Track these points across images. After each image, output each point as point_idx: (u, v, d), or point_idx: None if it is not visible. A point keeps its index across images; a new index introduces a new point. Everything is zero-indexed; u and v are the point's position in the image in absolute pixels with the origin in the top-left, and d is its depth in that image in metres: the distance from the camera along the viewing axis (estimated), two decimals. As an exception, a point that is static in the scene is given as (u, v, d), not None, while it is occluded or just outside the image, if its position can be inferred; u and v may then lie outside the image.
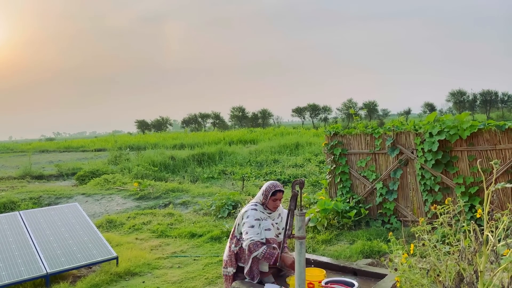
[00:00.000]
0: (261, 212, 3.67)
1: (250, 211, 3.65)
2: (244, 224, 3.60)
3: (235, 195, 8.33)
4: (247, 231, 3.53)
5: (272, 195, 3.65)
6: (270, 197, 3.65)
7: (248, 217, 3.60)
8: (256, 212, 3.64)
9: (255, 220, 3.59)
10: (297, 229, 3.11)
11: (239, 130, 40.40)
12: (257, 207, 3.69)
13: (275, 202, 3.66)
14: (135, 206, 9.00)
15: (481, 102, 70.26)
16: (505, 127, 5.19)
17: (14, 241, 5.06)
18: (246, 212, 3.67)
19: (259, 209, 3.67)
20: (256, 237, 3.51)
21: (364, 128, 6.59)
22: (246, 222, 3.58)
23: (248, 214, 3.62)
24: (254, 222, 3.57)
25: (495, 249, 2.05)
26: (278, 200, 3.67)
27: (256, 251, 3.45)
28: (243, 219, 3.64)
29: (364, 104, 72.71)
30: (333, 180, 6.92)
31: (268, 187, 3.68)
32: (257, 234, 3.51)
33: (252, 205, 3.71)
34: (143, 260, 5.33)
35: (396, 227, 6.08)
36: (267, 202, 3.67)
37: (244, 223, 3.61)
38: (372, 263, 4.49)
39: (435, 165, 5.66)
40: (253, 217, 3.59)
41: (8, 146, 40.12)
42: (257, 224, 3.58)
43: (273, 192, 3.65)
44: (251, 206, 3.71)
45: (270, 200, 3.65)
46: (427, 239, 2.59)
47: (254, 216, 3.60)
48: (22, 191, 10.84)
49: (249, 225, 3.55)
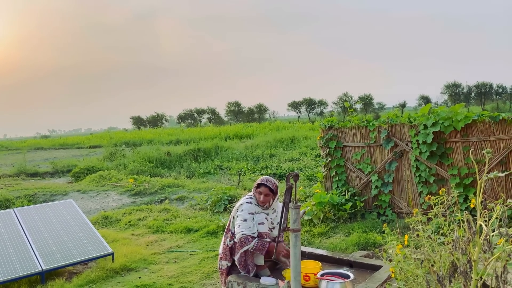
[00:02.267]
0: (255, 206, 3.65)
1: (245, 205, 3.64)
2: (238, 217, 3.59)
3: (231, 190, 8.33)
4: (239, 225, 3.52)
5: (257, 187, 3.62)
6: (256, 189, 3.63)
7: (242, 211, 3.58)
8: (251, 206, 3.62)
9: (249, 214, 3.57)
10: (292, 222, 3.11)
11: (235, 125, 40.35)
12: (252, 200, 3.68)
13: (260, 195, 3.62)
14: (131, 202, 8.98)
15: (476, 94, 70.56)
16: (499, 118, 5.20)
17: (9, 239, 5.03)
18: (241, 205, 3.66)
19: (253, 202, 3.65)
20: (248, 231, 3.50)
21: (359, 121, 6.59)
22: (239, 216, 3.58)
23: (243, 207, 3.61)
24: (247, 216, 3.56)
25: (488, 238, 2.06)
26: (262, 194, 3.61)
27: (247, 245, 3.45)
28: (237, 212, 3.64)
29: (359, 97, 72.81)
30: (328, 173, 6.92)
31: (257, 180, 3.66)
32: (248, 228, 3.50)
33: (247, 198, 3.70)
34: (139, 255, 5.32)
35: (392, 219, 6.10)
36: (255, 195, 3.66)
37: (238, 216, 3.60)
38: (367, 255, 4.50)
39: (430, 156, 5.68)
40: (247, 210, 3.58)
41: (3, 144, 39.85)
42: (250, 218, 3.57)
43: (258, 184, 3.62)
44: (246, 200, 3.69)
45: (256, 192, 3.64)
46: (421, 230, 2.60)
47: (248, 210, 3.59)
48: (17, 188, 10.79)
49: (242, 219, 3.54)
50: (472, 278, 2.25)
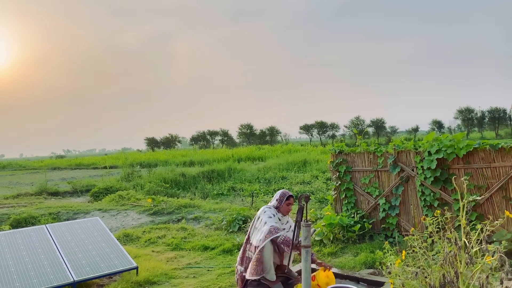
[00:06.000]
0: (274, 214, 4.16)
1: (267, 210, 4.22)
2: (264, 216, 4.12)
3: (245, 211, 8.72)
4: (266, 221, 4.03)
5: (287, 199, 4.16)
6: (285, 201, 4.17)
7: (266, 212, 4.16)
8: (271, 210, 4.20)
9: (272, 216, 4.14)
10: (303, 239, 3.51)
11: (247, 147, 40.88)
12: (271, 209, 4.20)
13: (288, 206, 4.20)
14: (150, 221, 9.41)
15: (489, 119, 70.17)
16: (499, 146, 5.55)
17: (43, 252, 5.48)
18: (264, 211, 4.20)
19: (273, 211, 4.18)
20: (276, 224, 4.01)
21: (366, 146, 6.98)
22: (264, 215, 4.14)
23: (265, 210, 4.19)
24: (272, 216, 4.14)
25: (469, 253, 2.43)
26: (291, 204, 4.20)
27: (277, 234, 3.91)
28: (261, 216, 4.17)
29: (371, 121, 73.00)
30: (338, 196, 7.28)
31: (283, 193, 4.26)
32: (275, 223, 4.01)
33: (267, 207, 4.23)
34: (160, 270, 5.71)
35: (399, 241, 6.40)
36: (281, 206, 4.21)
37: (262, 218, 4.14)
38: (373, 272, 4.83)
39: (434, 182, 6.02)
40: (270, 213, 4.15)
41: (21, 163, 40.99)
42: (275, 218, 4.11)
43: (288, 196, 4.20)
44: (266, 206, 4.26)
45: (284, 204, 4.18)
46: (417, 247, 2.97)
47: (270, 212, 4.16)
48: (40, 206, 11.32)
49: (268, 216, 4.10)
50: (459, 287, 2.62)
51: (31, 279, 4.90)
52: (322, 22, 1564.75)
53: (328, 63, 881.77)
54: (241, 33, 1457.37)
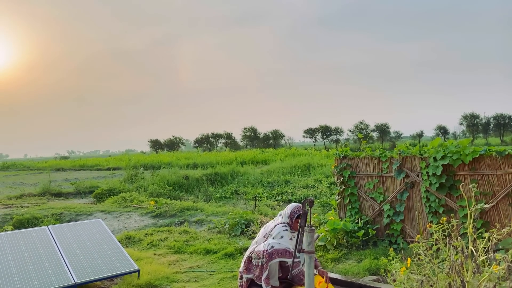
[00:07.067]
0: (289, 237, 4.21)
1: (284, 234, 4.24)
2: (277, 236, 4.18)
3: (247, 214, 8.67)
4: (280, 242, 4.10)
5: (297, 218, 4.18)
6: (295, 220, 4.20)
7: (283, 237, 4.19)
8: (287, 233, 4.24)
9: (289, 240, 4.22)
10: (307, 244, 3.46)
11: (251, 151, 40.83)
12: (287, 229, 4.24)
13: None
14: (152, 224, 9.38)
15: (494, 125, 69.81)
16: (505, 153, 5.49)
17: (44, 253, 5.46)
18: (279, 233, 4.22)
19: (289, 232, 4.27)
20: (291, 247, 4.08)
21: (371, 151, 6.93)
22: (279, 235, 4.19)
23: (282, 235, 4.22)
24: (289, 239, 4.22)
25: (477, 261, 2.38)
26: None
27: (289, 258, 4.00)
28: (276, 236, 4.20)
29: (376, 126, 72.80)
30: (342, 201, 7.23)
31: (293, 211, 4.32)
32: (288, 248, 4.08)
33: (284, 226, 4.28)
34: (162, 273, 5.68)
35: (403, 247, 6.34)
36: (292, 224, 4.29)
37: (276, 237, 4.18)
38: (377, 279, 4.77)
39: (439, 188, 5.96)
40: (287, 236, 4.22)
41: (25, 164, 41.17)
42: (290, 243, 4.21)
43: (298, 215, 4.26)
44: (284, 227, 4.29)
45: (295, 222, 4.26)
46: (422, 254, 2.92)
47: (287, 236, 4.22)
48: (43, 207, 11.32)
49: (280, 236, 4.18)
50: (465, 297, 2.56)
51: (32, 280, 4.88)
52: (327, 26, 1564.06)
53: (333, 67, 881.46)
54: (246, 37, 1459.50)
